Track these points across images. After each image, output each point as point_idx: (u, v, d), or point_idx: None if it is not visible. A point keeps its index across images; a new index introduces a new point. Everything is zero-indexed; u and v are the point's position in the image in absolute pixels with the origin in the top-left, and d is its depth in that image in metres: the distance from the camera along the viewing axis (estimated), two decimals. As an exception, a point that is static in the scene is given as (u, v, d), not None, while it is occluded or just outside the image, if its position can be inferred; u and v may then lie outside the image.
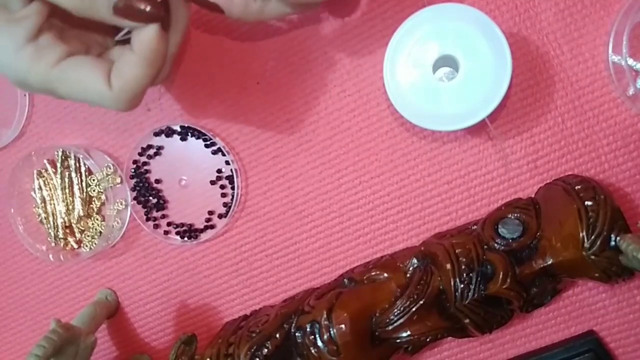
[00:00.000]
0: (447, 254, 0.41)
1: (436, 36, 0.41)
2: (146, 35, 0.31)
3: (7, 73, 0.31)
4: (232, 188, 0.48)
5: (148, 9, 0.30)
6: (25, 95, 0.50)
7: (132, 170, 0.50)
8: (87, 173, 0.51)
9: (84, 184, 0.51)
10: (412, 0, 0.43)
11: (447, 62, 0.41)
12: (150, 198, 0.50)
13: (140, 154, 0.50)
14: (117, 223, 0.51)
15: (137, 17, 0.30)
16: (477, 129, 0.44)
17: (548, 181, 0.44)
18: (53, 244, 0.52)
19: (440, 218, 0.46)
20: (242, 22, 0.35)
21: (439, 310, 0.41)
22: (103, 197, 0.51)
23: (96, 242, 0.51)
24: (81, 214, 0.51)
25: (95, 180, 0.51)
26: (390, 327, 0.41)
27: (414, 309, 0.40)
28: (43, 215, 0.52)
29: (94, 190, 0.51)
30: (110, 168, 0.50)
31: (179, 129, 0.48)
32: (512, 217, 0.41)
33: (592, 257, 0.37)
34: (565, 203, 0.39)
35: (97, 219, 0.52)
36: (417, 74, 0.41)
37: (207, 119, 0.48)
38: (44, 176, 0.52)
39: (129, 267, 0.52)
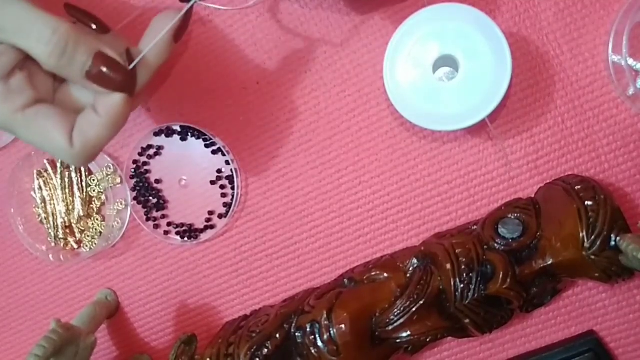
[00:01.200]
0: (447, 254, 0.41)
1: (436, 36, 0.41)
2: (112, 101, 0.33)
3: None
4: (232, 188, 0.48)
5: (119, 79, 0.32)
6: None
7: (132, 170, 0.50)
8: (87, 173, 0.51)
9: (84, 184, 0.51)
10: (412, 0, 0.43)
11: (447, 62, 0.41)
12: (150, 198, 0.50)
13: (140, 154, 0.50)
14: (117, 223, 0.51)
15: (106, 85, 0.32)
16: (477, 129, 0.44)
17: (548, 181, 0.44)
18: (53, 244, 0.52)
19: (440, 218, 0.46)
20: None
21: (439, 310, 0.41)
22: (103, 197, 0.51)
23: (96, 242, 0.51)
24: (81, 214, 0.51)
25: (95, 180, 0.51)
26: (390, 327, 0.41)
27: (414, 309, 0.40)
28: (43, 215, 0.52)
29: (94, 190, 0.51)
30: (110, 168, 0.50)
31: (179, 129, 0.48)
32: (512, 217, 0.41)
33: (592, 257, 0.37)
34: (565, 203, 0.39)
35: (97, 219, 0.52)
36: (417, 74, 0.41)
37: (207, 119, 0.48)
38: (44, 176, 0.52)
39: (129, 267, 0.52)
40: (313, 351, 0.41)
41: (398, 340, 0.41)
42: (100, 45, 0.32)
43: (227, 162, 0.48)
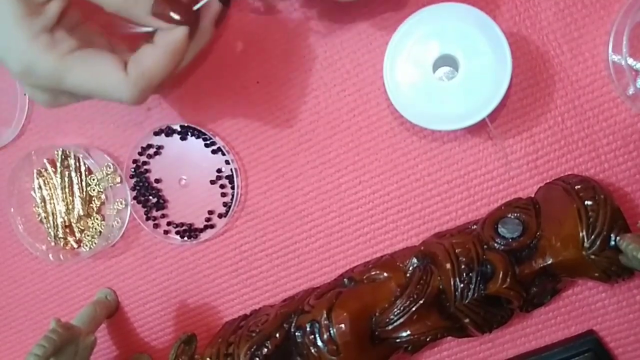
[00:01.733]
0: (447, 253, 0.41)
1: (436, 36, 0.41)
2: (174, 34, 0.33)
3: (15, 60, 0.30)
4: (232, 188, 0.48)
5: (182, 14, 0.32)
6: (25, 94, 0.50)
7: (132, 170, 0.50)
8: (87, 172, 0.51)
9: (83, 183, 0.51)
10: (413, 0, 0.43)
11: (447, 61, 0.41)
12: (150, 197, 0.50)
13: (140, 154, 0.50)
14: (117, 222, 0.51)
15: (170, 20, 0.32)
16: (477, 129, 0.44)
17: (548, 181, 0.44)
18: (53, 244, 0.52)
19: (440, 218, 0.46)
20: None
21: (439, 310, 0.41)
22: (103, 196, 0.51)
23: (96, 241, 0.51)
24: (81, 213, 0.51)
25: (95, 180, 0.51)
26: (390, 327, 0.41)
27: (413, 309, 0.40)
28: (43, 214, 0.52)
29: (93, 190, 0.51)
30: (110, 167, 0.50)
31: (179, 129, 0.48)
32: (512, 216, 0.41)
33: (592, 256, 0.37)
34: (565, 203, 0.39)
35: (97, 219, 0.52)
36: (417, 74, 0.41)
37: (206, 119, 0.48)
38: (43, 175, 0.52)
39: (128, 266, 0.52)
40: (313, 351, 0.41)
41: (398, 340, 0.41)
42: None
43: (227, 162, 0.48)
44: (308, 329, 0.41)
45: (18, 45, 0.30)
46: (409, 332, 0.41)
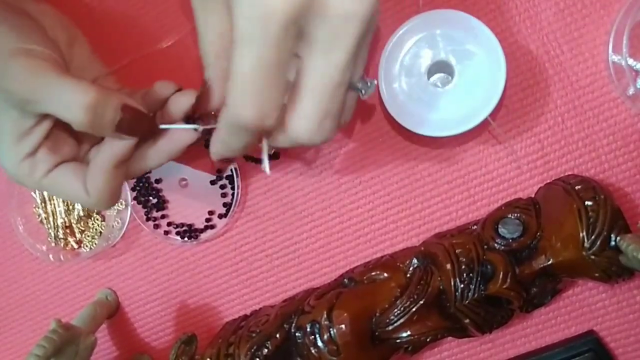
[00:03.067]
0: (447, 253, 0.41)
1: (426, 43, 0.41)
2: (117, 146, 0.35)
3: (7, 171, 0.36)
4: (232, 188, 0.48)
5: (145, 126, 0.35)
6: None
7: (132, 170, 0.50)
8: (87, 173, 0.51)
9: (84, 184, 0.51)
10: (405, 7, 0.43)
11: (441, 67, 0.41)
12: (150, 198, 0.50)
13: (140, 154, 0.49)
14: (117, 223, 0.51)
15: (135, 133, 0.35)
16: (477, 129, 0.44)
17: (548, 181, 0.44)
18: (53, 244, 0.52)
19: (440, 218, 0.46)
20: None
21: (439, 310, 0.41)
22: (103, 197, 0.51)
23: (96, 242, 0.51)
24: (81, 214, 0.51)
25: (95, 180, 0.51)
26: (391, 327, 0.41)
27: (414, 309, 0.40)
28: (43, 215, 0.52)
29: (94, 190, 0.51)
30: (110, 168, 0.50)
31: (179, 129, 0.48)
32: (512, 217, 0.41)
33: (592, 257, 0.37)
34: (565, 203, 0.39)
35: (97, 219, 0.52)
36: (412, 82, 0.41)
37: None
38: (44, 176, 0.52)
39: (129, 267, 0.52)
40: (313, 351, 0.41)
41: (398, 340, 0.41)
42: (123, 98, 0.34)
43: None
44: (308, 329, 0.41)
45: (8, 165, 0.35)
46: (409, 333, 0.41)
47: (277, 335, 0.42)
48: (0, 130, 0.34)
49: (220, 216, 0.49)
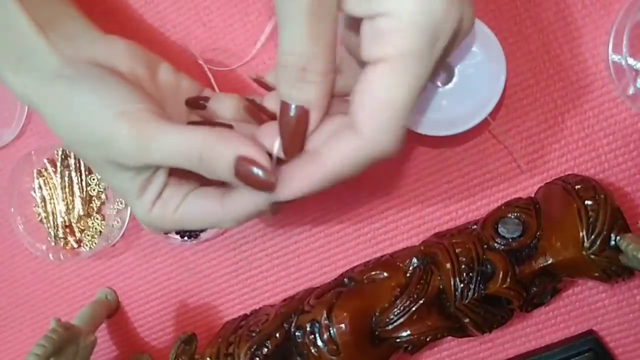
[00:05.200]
0: (447, 253, 0.41)
1: None
2: (256, 199, 0.32)
3: (141, 221, 0.36)
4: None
5: (262, 176, 0.30)
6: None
7: (132, 170, 0.50)
8: (87, 172, 0.51)
9: (84, 183, 0.51)
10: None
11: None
12: (150, 197, 0.50)
13: (141, 154, 0.49)
14: (117, 222, 0.51)
15: (254, 185, 0.30)
16: (477, 129, 0.44)
17: (548, 181, 0.44)
18: (53, 244, 0.52)
19: (440, 218, 0.46)
20: None
21: (439, 310, 0.41)
22: (103, 196, 0.51)
23: (96, 241, 0.51)
24: (81, 213, 0.51)
25: (95, 180, 0.51)
26: (390, 327, 0.41)
27: (414, 309, 0.40)
28: (43, 214, 0.52)
29: (94, 190, 0.51)
30: (110, 167, 0.50)
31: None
32: (512, 216, 0.41)
33: (592, 256, 0.38)
34: (565, 203, 0.39)
35: (97, 218, 0.52)
36: None
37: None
38: (44, 175, 0.52)
39: (129, 266, 0.52)
40: (313, 350, 0.41)
41: (398, 340, 0.41)
42: (240, 146, 0.30)
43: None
44: (308, 328, 0.41)
45: (141, 217, 0.34)
46: (409, 332, 0.41)
47: (277, 335, 0.42)
48: (122, 189, 0.34)
49: (220, 216, 0.49)
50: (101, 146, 0.32)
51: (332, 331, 0.40)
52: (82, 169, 0.51)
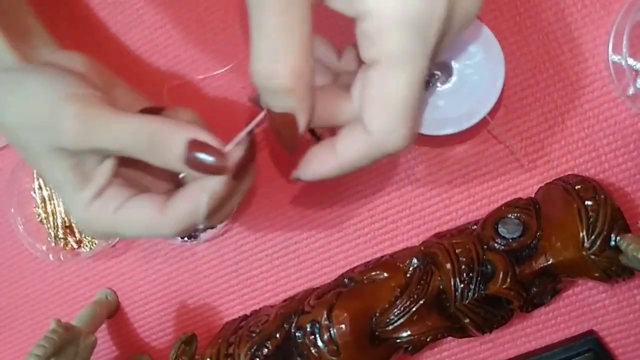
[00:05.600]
0: (447, 253, 0.41)
1: None
2: (211, 184, 0.31)
3: (75, 220, 0.35)
4: (232, 188, 0.48)
5: (215, 161, 0.30)
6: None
7: (132, 170, 0.50)
8: (87, 173, 0.51)
9: (84, 183, 0.51)
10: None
11: (440, 67, 0.41)
12: (150, 198, 0.50)
13: (140, 154, 0.49)
14: (117, 223, 0.51)
15: (205, 170, 0.31)
16: (477, 129, 0.44)
17: (548, 181, 0.44)
18: (53, 244, 0.52)
19: (440, 218, 0.46)
20: None
21: (439, 310, 0.41)
22: (103, 197, 0.51)
23: (96, 241, 0.51)
24: (81, 213, 0.51)
25: (95, 180, 0.51)
26: (391, 327, 0.41)
27: (414, 309, 0.40)
28: (43, 215, 0.52)
29: (94, 190, 0.51)
30: (110, 168, 0.50)
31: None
32: (512, 217, 0.41)
33: (592, 256, 0.37)
34: (565, 203, 0.39)
35: (97, 219, 0.51)
36: None
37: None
38: (44, 176, 0.52)
39: (129, 267, 0.52)
40: (313, 351, 0.41)
41: (398, 340, 0.41)
42: (193, 131, 0.30)
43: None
44: (308, 329, 0.41)
45: (75, 213, 0.33)
46: (409, 333, 0.41)
47: (277, 335, 0.42)
48: (62, 181, 0.32)
49: (220, 216, 0.49)
50: (47, 128, 0.31)
51: (332, 332, 0.40)
52: (82, 169, 0.51)
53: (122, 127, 0.30)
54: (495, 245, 0.40)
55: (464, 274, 0.40)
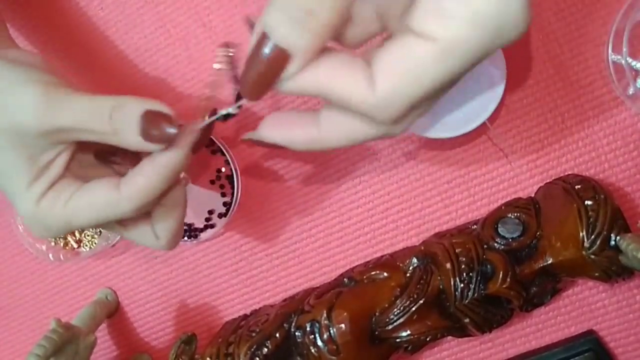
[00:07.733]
0: (447, 253, 0.41)
1: None
2: (168, 157, 0.31)
3: (25, 218, 0.32)
4: (232, 187, 0.48)
5: (170, 132, 0.30)
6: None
7: (132, 170, 0.50)
8: (87, 172, 0.51)
9: (84, 183, 0.51)
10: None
11: None
12: (150, 198, 0.50)
13: (140, 154, 0.49)
14: (117, 222, 0.51)
15: (160, 140, 0.31)
16: (477, 129, 0.44)
17: (548, 181, 0.44)
18: (53, 244, 0.52)
19: (440, 218, 0.46)
20: None
21: (439, 310, 0.41)
22: (103, 196, 0.51)
23: (96, 241, 0.51)
24: (81, 213, 0.51)
25: (95, 180, 0.51)
26: (390, 327, 0.41)
27: (414, 309, 0.40)
28: (43, 214, 0.52)
29: (94, 190, 0.51)
30: (110, 167, 0.50)
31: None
32: (512, 216, 0.41)
33: (592, 256, 0.38)
34: (565, 203, 0.39)
35: (97, 219, 0.51)
36: None
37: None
38: (44, 176, 0.52)
39: (129, 266, 0.52)
40: (313, 350, 0.41)
41: (398, 340, 0.41)
42: (146, 103, 0.30)
43: (227, 162, 0.48)
44: (308, 328, 0.42)
45: (22, 208, 0.32)
46: (409, 332, 0.41)
47: (277, 335, 0.42)
48: (13, 173, 0.32)
49: (220, 215, 0.49)
50: (6, 110, 0.31)
51: (332, 331, 0.40)
52: (82, 169, 0.51)
53: (84, 104, 0.31)
54: (495, 245, 0.40)
55: (464, 274, 0.40)
